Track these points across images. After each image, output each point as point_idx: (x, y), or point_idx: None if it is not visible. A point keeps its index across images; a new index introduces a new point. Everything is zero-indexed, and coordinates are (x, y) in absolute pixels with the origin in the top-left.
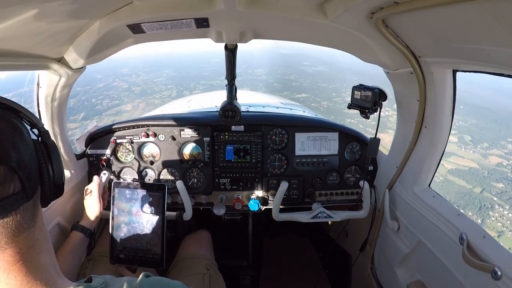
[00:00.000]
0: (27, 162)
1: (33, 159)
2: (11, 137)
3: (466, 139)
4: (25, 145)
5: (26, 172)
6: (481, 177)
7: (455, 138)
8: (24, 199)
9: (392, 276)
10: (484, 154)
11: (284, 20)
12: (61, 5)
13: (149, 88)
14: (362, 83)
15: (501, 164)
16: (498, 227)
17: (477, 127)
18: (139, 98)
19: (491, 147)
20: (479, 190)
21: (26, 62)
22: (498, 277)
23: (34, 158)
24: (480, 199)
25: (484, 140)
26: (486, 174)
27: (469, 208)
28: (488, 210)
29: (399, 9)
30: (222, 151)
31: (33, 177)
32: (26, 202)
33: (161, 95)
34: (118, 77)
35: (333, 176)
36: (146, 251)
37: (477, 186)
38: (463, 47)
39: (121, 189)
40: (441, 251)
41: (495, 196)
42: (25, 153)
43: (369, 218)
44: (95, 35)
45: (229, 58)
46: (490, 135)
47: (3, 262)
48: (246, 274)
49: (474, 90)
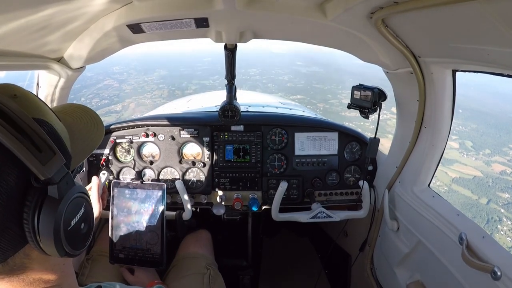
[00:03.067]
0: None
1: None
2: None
3: (467, 145)
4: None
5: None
6: (486, 187)
7: (456, 144)
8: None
9: (392, 276)
10: (487, 161)
11: (283, 20)
12: (61, 5)
13: (140, 87)
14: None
15: (504, 172)
16: (508, 242)
17: (478, 132)
18: (129, 98)
19: (493, 154)
20: (485, 201)
21: (25, 62)
22: (498, 277)
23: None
24: (487, 211)
25: (485, 146)
26: (491, 183)
27: (476, 221)
28: (496, 224)
29: (398, 9)
30: (222, 151)
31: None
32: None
33: (152, 95)
34: (109, 75)
35: (332, 176)
36: (145, 250)
37: (482, 196)
38: (463, 47)
39: (120, 189)
40: (440, 251)
41: (502, 208)
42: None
43: (368, 218)
44: (95, 35)
45: (229, 58)
46: (491, 141)
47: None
48: (245, 274)
49: (470, 93)
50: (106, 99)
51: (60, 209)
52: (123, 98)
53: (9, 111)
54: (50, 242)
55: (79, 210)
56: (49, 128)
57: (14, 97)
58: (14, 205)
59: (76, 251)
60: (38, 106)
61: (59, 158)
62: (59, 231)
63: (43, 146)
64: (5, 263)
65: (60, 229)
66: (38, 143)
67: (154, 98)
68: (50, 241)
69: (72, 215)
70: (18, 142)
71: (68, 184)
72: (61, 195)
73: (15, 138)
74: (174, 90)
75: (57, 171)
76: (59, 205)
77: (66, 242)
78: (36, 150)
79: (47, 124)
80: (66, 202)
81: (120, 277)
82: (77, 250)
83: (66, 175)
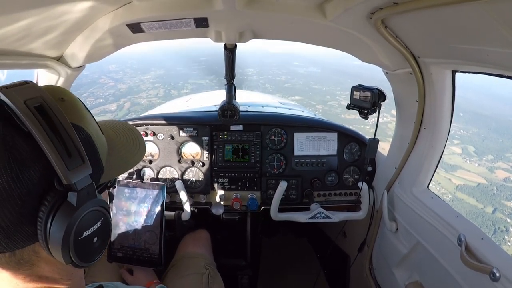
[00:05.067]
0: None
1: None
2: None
3: (469, 150)
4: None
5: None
6: (491, 195)
7: (458, 149)
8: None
9: (390, 277)
10: (490, 167)
11: (283, 20)
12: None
13: (135, 86)
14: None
15: (508, 179)
16: None
17: (479, 136)
18: (124, 97)
19: (496, 160)
20: (491, 210)
21: (25, 61)
22: (496, 278)
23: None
24: (494, 220)
25: (488, 151)
26: (495, 191)
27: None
28: (503, 234)
29: (398, 9)
30: (221, 151)
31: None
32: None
33: (148, 94)
34: (105, 73)
35: (331, 177)
36: (144, 250)
37: (488, 205)
38: (463, 48)
39: (120, 188)
40: (439, 252)
41: (508, 217)
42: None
43: (367, 219)
44: (95, 34)
45: (228, 58)
46: (493, 145)
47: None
48: (244, 274)
49: (469, 95)
50: (101, 98)
51: (75, 216)
52: (118, 97)
53: (51, 111)
54: (58, 246)
55: (94, 223)
56: (85, 136)
57: (61, 100)
58: (33, 201)
59: (83, 263)
60: (81, 114)
61: (87, 167)
62: (68, 238)
63: (73, 152)
64: (13, 254)
65: (70, 237)
66: (70, 148)
67: (149, 98)
68: (57, 245)
69: (86, 227)
70: (50, 142)
71: (89, 195)
72: (79, 204)
73: (48, 138)
74: (170, 90)
75: (81, 179)
76: (75, 213)
77: (74, 251)
78: (66, 154)
79: (84, 132)
80: (82, 212)
81: (119, 277)
82: (84, 262)
83: (89, 186)
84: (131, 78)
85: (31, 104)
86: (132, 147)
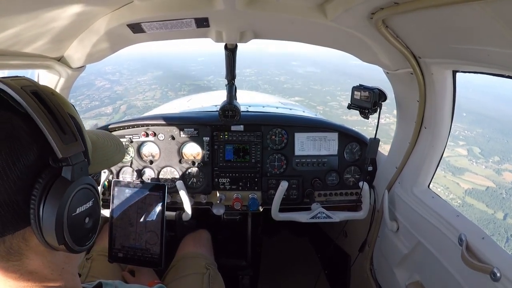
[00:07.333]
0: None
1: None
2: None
3: (475, 152)
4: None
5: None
6: (500, 199)
7: (464, 150)
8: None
9: (391, 276)
10: (497, 170)
11: (284, 20)
12: (61, 5)
13: (132, 88)
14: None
15: None
16: None
17: (484, 137)
18: (120, 100)
19: (503, 162)
20: (502, 215)
21: (26, 61)
22: (497, 278)
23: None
24: (506, 227)
25: (494, 153)
26: (505, 195)
27: (495, 239)
28: None
29: (399, 9)
30: (222, 151)
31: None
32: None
33: (144, 96)
34: (101, 75)
35: (332, 177)
36: (145, 250)
37: (498, 210)
38: (463, 48)
39: (120, 188)
40: (440, 252)
41: None
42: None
43: (368, 218)
44: (95, 35)
45: (229, 58)
46: (499, 147)
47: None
48: (245, 274)
49: (472, 95)
50: (97, 100)
51: (69, 191)
52: (114, 99)
53: (46, 97)
54: (51, 223)
55: (87, 201)
56: (76, 124)
57: (52, 94)
58: (28, 180)
59: (75, 246)
60: (71, 107)
61: (79, 144)
62: (62, 214)
63: (67, 130)
64: (2, 242)
65: (64, 212)
66: (64, 126)
67: (146, 100)
68: (51, 222)
69: (79, 203)
70: (46, 119)
71: (82, 171)
72: (73, 178)
73: (45, 116)
74: (167, 92)
75: (75, 155)
76: (69, 187)
77: (67, 229)
78: (61, 131)
79: (75, 121)
80: (76, 186)
81: (120, 277)
82: (76, 244)
83: (82, 162)
84: (128, 79)
85: (27, 90)
86: (113, 148)
